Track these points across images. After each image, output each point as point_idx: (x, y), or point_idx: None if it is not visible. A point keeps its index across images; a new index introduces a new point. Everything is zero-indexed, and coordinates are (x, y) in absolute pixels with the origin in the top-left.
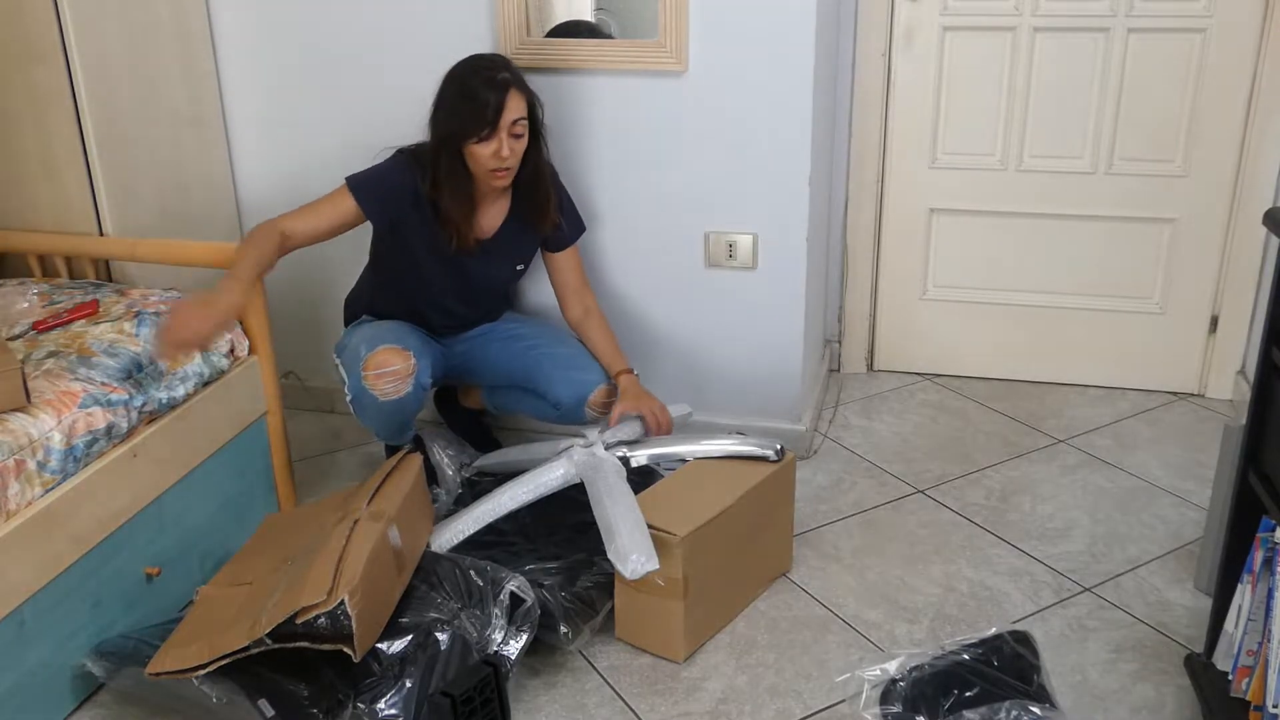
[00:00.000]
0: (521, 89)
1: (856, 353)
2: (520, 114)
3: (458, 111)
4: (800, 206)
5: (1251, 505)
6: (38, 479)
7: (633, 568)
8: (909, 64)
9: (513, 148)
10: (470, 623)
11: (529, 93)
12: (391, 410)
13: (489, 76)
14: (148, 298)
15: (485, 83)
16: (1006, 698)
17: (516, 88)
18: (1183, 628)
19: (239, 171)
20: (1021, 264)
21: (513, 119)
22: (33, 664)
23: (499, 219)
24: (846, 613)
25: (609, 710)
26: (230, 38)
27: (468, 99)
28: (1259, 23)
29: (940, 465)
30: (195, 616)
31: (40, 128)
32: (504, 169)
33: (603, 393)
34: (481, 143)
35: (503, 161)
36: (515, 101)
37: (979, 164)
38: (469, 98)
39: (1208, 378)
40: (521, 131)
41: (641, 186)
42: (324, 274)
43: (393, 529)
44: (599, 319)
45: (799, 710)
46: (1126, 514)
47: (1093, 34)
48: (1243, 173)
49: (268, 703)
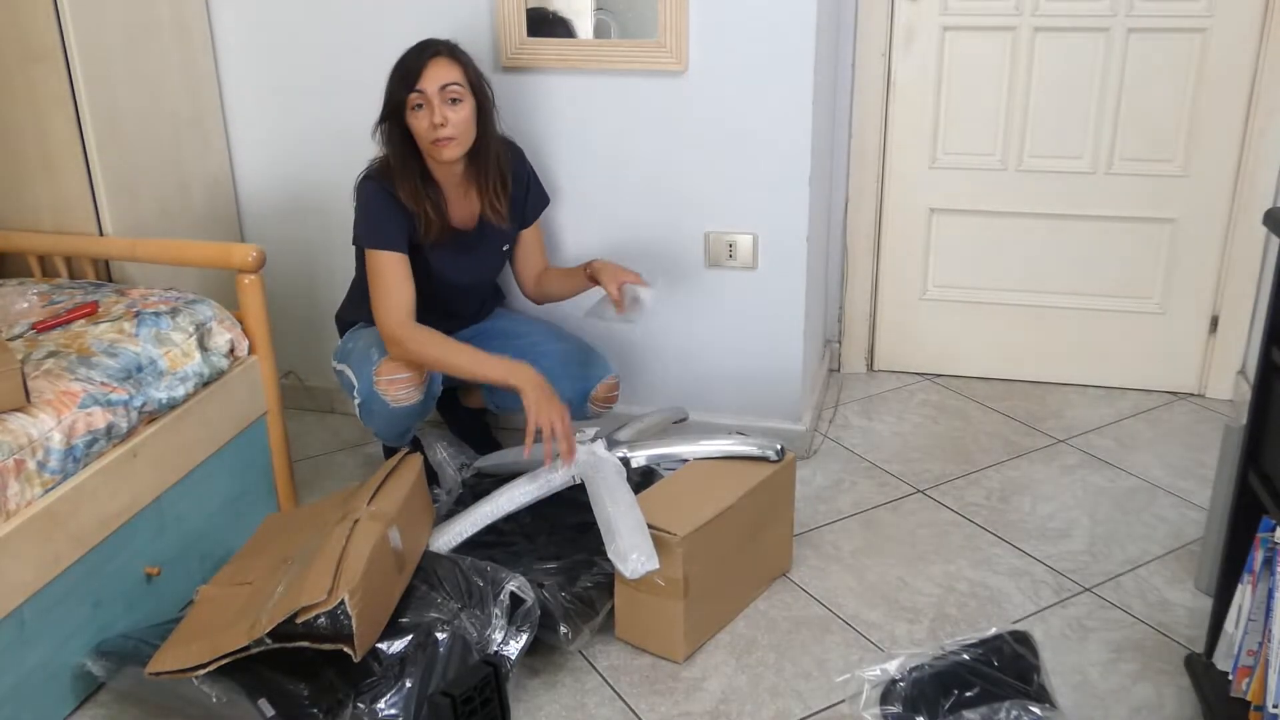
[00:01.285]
0: (453, 57)
1: (856, 353)
2: (450, 79)
3: (391, 84)
4: (800, 206)
5: (1251, 505)
6: (37, 479)
7: (633, 567)
8: (909, 64)
9: (447, 115)
10: (470, 623)
11: (465, 61)
12: (402, 416)
13: (419, 49)
14: (148, 298)
15: (414, 54)
16: (1006, 698)
17: (446, 55)
18: (1183, 628)
19: (239, 171)
20: (1021, 264)
21: (441, 83)
22: (33, 664)
23: (475, 209)
24: (846, 613)
25: (609, 710)
26: (230, 38)
27: (397, 70)
28: (1259, 23)
29: (940, 465)
30: (195, 616)
31: (40, 128)
32: (443, 138)
33: (606, 387)
34: (416, 112)
35: (438, 130)
36: (442, 67)
37: (979, 164)
38: (398, 69)
39: (1208, 378)
40: (459, 96)
41: (641, 186)
42: (324, 274)
43: (393, 529)
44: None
45: (799, 710)
46: (1126, 514)
47: (1093, 34)
48: (1243, 173)
49: (268, 703)
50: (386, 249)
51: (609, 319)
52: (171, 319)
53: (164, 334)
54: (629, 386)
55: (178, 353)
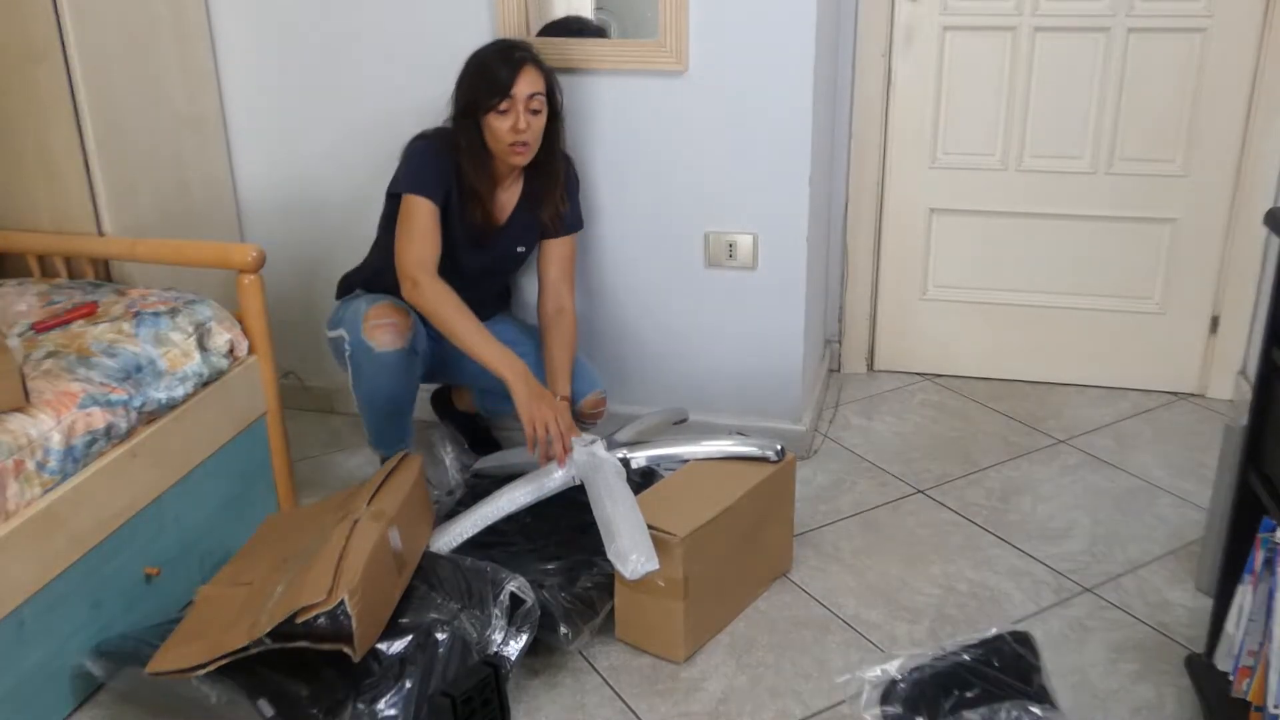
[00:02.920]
0: (539, 67)
1: (856, 353)
2: (537, 89)
3: (476, 85)
4: (800, 206)
5: (1252, 505)
6: (37, 479)
7: (633, 568)
8: (909, 64)
9: (530, 122)
10: (470, 623)
11: (547, 72)
12: (388, 373)
13: (507, 54)
14: (147, 298)
15: (502, 58)
16: (1007, 698)
17: (533, 64)
18: (1183, 628)
19: (239, 171)
20: (1021, 264)
21: (529, 93)
22: (32, 664)
23: (512, 203)
24: (846, 613)
25: (609, 710)
26: (230, 38)
27: (485, 72)
28: (1259, 23)
29: (940, 465)
30: (195, 616)
31: (40, 128)
32: (522, 143)
33: (590, 402)
34: (500, 115)
35: (520, 135)
36: (531, 76)
37: (979, 164)
38: (486, 71)
39: (1208, 378)
40: (539, 108)
41: (642, 186)
42: (324, 274)
43: (393, 529)
44: (568, 327)
45: (799, 710)
46: (1127, 514)
47: (1093, 34)
48: (1243, 173)
49: (267, 703)
50: (426, 196)
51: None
52: (171, 319)
53: (163, 334)
54: (629, 387)
55: (177, 353)
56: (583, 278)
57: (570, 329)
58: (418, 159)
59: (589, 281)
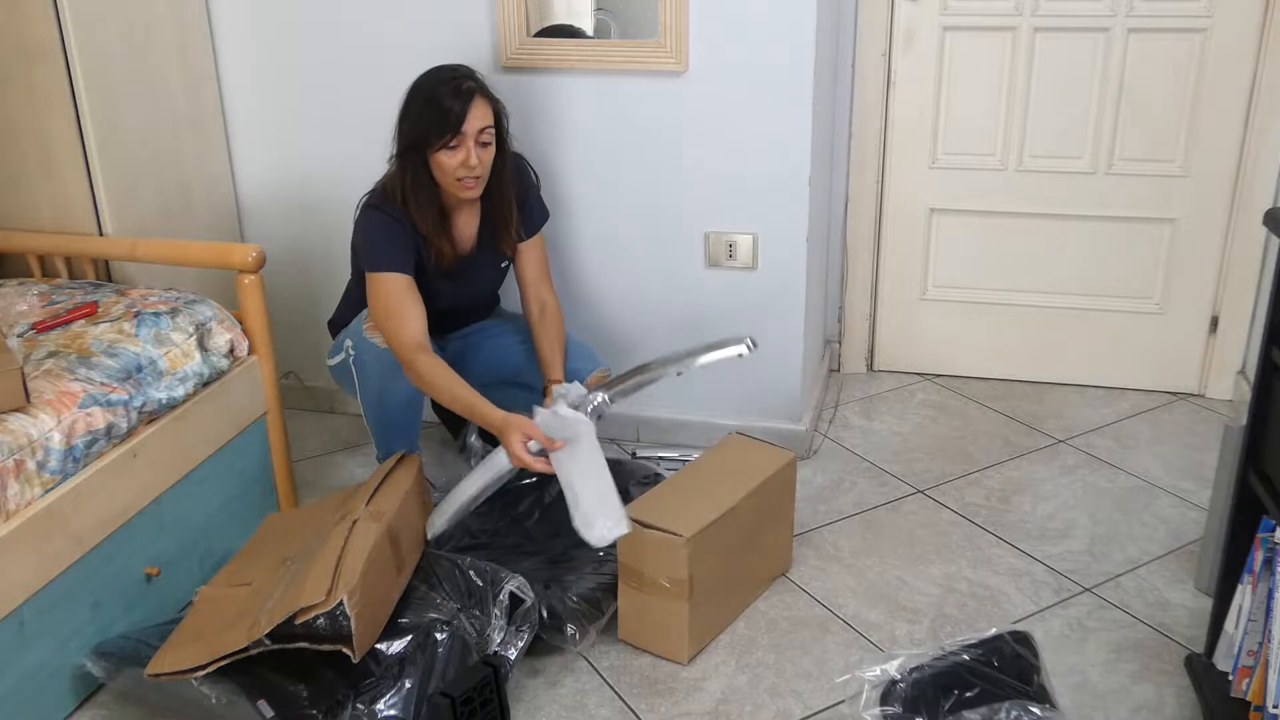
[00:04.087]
0: (487, 97)
1: (856, 353)
2: (487, 122)
3: (423, 119)
4: (800, 206)
5: (1252, 505)
6: (37, 479)
7: (599, 534)
8: (909, 64)
9: (480, 156)
10: (470, 623)
11: (495, 101)
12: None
13: (455, 85)
14: (147, 298)
15: (451, 91)
16: (1006, 698)
17: (482, 95)
18: (1183, 628)
19: (239, 171)
20: (1021, 264)
21: (479, 127)
22: (33, 664)
23: (474, 228)
24: (846, 613)
25: (609, 710)
26: (230, 38)
27: (433, 106)
28: (1259, 23)
29: (940, 465)
30: (195, 617)
31: (40, 128)
32: (472, 178)
33: (596, 379)
34: (449, 151)
35: (471, 171)
36: (480, 109)
37: (979, 164)
38: (434, 105)
39: (1208, 378)
40: (489, 140)
41: (641, 186)
42: (324, 274)
43: (392, 530)
44: (554, 321)
45: (799, 710)
46: (1126, 514)
47: (1093, 34)
48: (1243, 173)
49: (267, 703)
50: (398, 272)
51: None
52: (171, 319)
53: (164, 334)
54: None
55: (177, 353)
56: (583, 277)
57: (557, 323)
58: (375, 233)
59: (589, 281)
